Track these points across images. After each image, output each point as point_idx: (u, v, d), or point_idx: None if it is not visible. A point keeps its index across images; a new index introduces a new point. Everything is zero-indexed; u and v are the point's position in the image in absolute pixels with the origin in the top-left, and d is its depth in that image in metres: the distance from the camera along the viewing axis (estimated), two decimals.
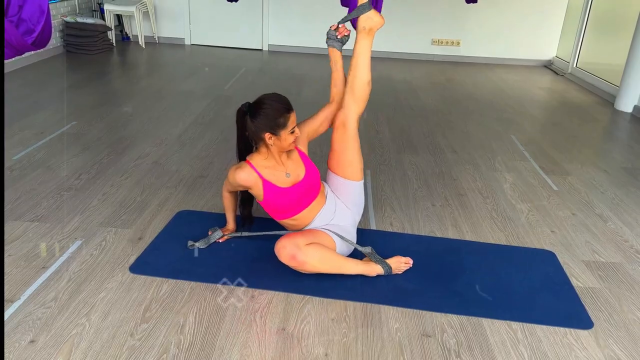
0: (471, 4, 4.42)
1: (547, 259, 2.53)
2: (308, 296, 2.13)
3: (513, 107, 5.25)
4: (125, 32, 7.55)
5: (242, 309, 2.05)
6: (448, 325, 2.02)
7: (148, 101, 4.78)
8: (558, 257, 2.54)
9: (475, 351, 1.89)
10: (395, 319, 2.04)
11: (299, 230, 2.35)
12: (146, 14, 7.31)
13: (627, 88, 5.08)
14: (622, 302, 2.22)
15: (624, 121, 4.98)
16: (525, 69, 7.16)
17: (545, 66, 7.30)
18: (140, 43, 7.18)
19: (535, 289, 2.28)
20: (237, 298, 2.11)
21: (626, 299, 2.24)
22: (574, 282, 2.35)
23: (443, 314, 2.08)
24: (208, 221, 2.70)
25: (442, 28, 7.20)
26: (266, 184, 2.25)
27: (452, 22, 7.16)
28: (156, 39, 7.52)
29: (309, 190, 2.31)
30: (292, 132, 2.19)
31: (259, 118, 2.16)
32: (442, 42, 7.29)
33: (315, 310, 2.06)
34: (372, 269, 2.24)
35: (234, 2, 5.05)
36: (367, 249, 2.27)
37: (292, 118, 2.18)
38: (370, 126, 4.38)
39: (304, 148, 2.41)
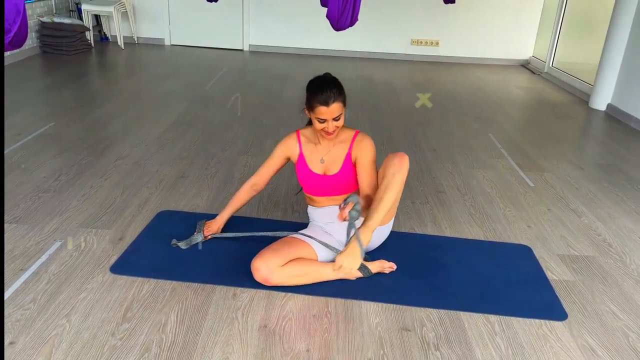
0: (449, 4, 4.48)
1: (524, 253, 2.59)
2: (290, 293, 2.15)
3: (491, 106, 5.33)
4: (104, 33, 7.48)
5: (223, 307, 2.06)
6: (427, 320, 2.06)
7: (127, 102, 4.75)
8: (534, 251, 2.60)
9: (454, 344, 1.93)
10: (376, 314, 2.07)
11: (316, 208, 2.36)
12: (125, 14, 7.26)
13: (601, 87, 5.20)
14: (595, 294, 2.28)
15: (598, 119, 5.09)
16: (502, 68, 7.27)
17: (523, 66, 7.42)
18: (119, 44, 7.12)
19: (512, 282, 2.33)
20: (218, 296, 2.12)
21: (599, 291, 2.30)
22: (549, 275, 2.40)
23: (422, 308, 2.12)
24: (189, 221, 2.70)
25: (421, 28, 7.28)
26: (301, 157, 2.34)
27: (431, 22, 7.25)
28: (135, 40, 7.47)
29: (332, 188, 2.31)
30: (321, 122, 2.17)
31: (307, 87, 2.20)
32: (421, 42, 7.37)
33: (296, 307, 2.08)
34: (352, 273, 2.25)
35: (213, 2, 5.04)
36: None
37: (322, 110, 2.12)
38: (351, 126, 4.40)
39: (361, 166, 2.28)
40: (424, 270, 2.37)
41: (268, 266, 2.12)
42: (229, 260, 2.36)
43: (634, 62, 4.88)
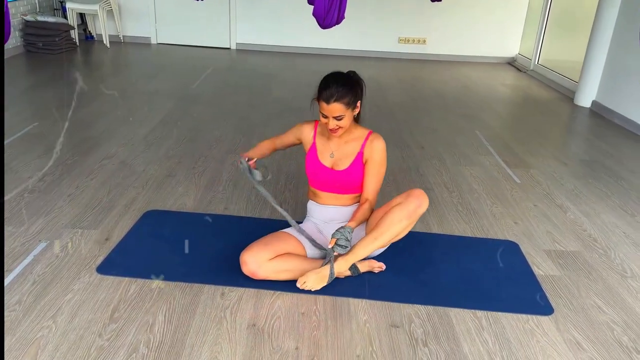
0: (436, 2, 4.49)
1: (511, 249, 2.61)
2: (278, 292, 2.15)
3: (477, 103, 5.37)
4: (89, 31, 7.40)
5: (212, 306, 2.05)
6: (415, 316, 2.07)
7: (113, 101, 4.71)
8: (521, 247, 2.62)
9: (442, 340, 1.95)
10: (364, 311, 2.08)
11: (317, 204, 2.36)
12: (110, 13, 7.19)
13: (586, 84, 5.26)
14: (581, 289, 2.31)
15: (583, 116, 5.15)
16: (489, 66, 7.32)
17: (509, 63, 7.48)
18: (104, 42, 7.05)
19: (499, 278, 2.35)
20: (206, 295, 2.11)
21: (584, 286, 2.33)
22: (535, 270, 2.43)
23: (410, 304, 2.13)
24: (175, 221, 2.69)
25: (408, 27, 7.30)
26: (313, 147, 2.33)
27: (418, 20, 7.27)
28: (121, 38, 7.40)
29: (338, 183, 2.29)
30: (324, 117, 2.17)
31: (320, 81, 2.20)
32: (408, 40, 7.39)
33: (285, 306, 2.08)
34: (342, 273, 2.25)
35: (200, 1, 5.02)
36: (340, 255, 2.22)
37: (323, 106, 2.14)
38: None
39: (371, 162, 2.29)
40: (412, 267, 2.38)
41: (256, 260, 2.11)
42: (216, 259, 2.35)
43: (618, 59, 4.94)
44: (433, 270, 2.37)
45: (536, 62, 6.79)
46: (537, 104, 5.54)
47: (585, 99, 5.30)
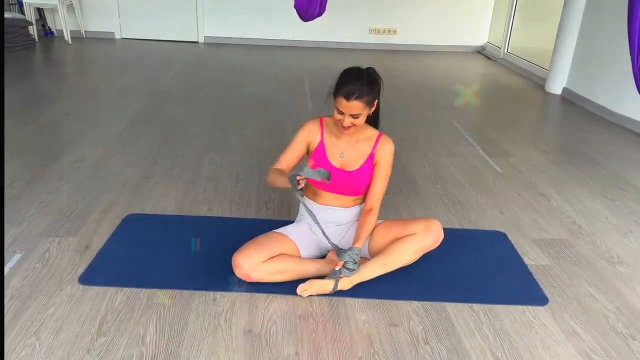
0: None
1: (499, 239, 2.61)
2: (272, 295, 2.09)
3: (452, 92, 5.38)
4: (48, 27, 7.10)
5: (204, 313, 1.98)
6: (413, 313, 2.04)
7: (81, 100, 4.53)
8: (509, 237, 2.62)
9: (442, 336, 1.92)
10: (362, 311, 2.03)
11: (317, 204, 2.25)
12: (70, 7, 6.91)
13: (556, 71, 5.34)
14: (572, 277, 2.32)
15: (554, 102, 5.23)
16: (459, 55, 7.37)
17: (478, 52, 7.54)
18: (66, 38, 6.78)
19: (491, 269, 2.35)
20: (198, 302, 2.03)
21: (575, 274, 2.35)
22: (526, 260, 2.43)
23: (407, 301, 2.10)
24: (157, 224, 2.59)
25: (378, 17, 7.27)
26: (321, 145, 2.21)
27: (388, 11, 7.25)
28: (83, 34, 7.13)
29: (345, 184, 2.21)
30: (339, 113, 2.07)
31: (339, 75, 2.11)
32: (379, 30, 7.36)
33: (280, 309, 2.02)
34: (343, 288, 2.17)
35: None
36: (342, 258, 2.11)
37: (342, 102, 2.03)
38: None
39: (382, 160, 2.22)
40: None
41: (250, 262, 2.04)
42: (204, 263, 2.27)
43: (587, 46, 5.02)
44: (425, 265, 2.33)
45: (505, 50, 6.86)
46: (510, 92, 5.60)
47: (556, 86, 5.38)
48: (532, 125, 4.69)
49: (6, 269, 2.17)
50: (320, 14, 2.72)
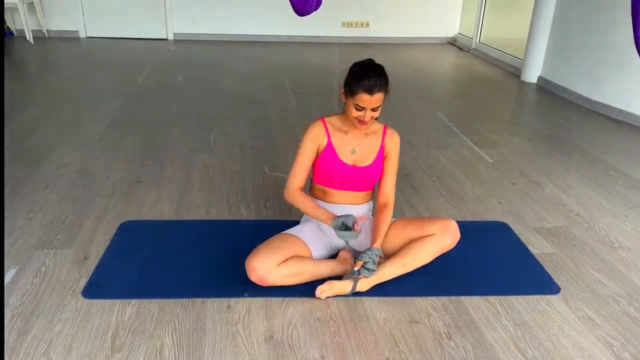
0: None
1: (503, 230, 2.63)
2: (288, 298, 2.03)
3: (430, 84, 5.41)
4: (8, 27, 6.77)
5: (220, 322, 1.91)
6: (432, 308, 2.03)
7: (53, 103, 4.33)
8: (511, 227, 2.64)
9: (464, 331, 1.91)
10: (380, 310, 2.01)
11: (327, 204, 2.20)
12: (31, 5, 6.60)
13: (531, 60, 5.43)
14: (579, 264, 2.36)
15: (531, 91, 5.32)
16: (431, 46, 7.41)
17: (450, 43, 7.61)
18: (27, 38, 6.48)
19: (500, 261, 2.36)
20: (212, 311, 1.96)
21: (581, 261, 2.38)
22: (531, 249, 2.45)
23: (423, 297, 2.08)
24: (156, 231, 2.50)
25: (351, 10, 7.23)
26: (329, 146, 2.14)
27: (361, 4, 7.22)
28: (45, 33, 6.84)
29: (358, 181, 2.17)
30: (358, 110, 2.02)
31: (350, 70, 2.07)
32: (352, 24, 7.33)
33: (298, 312, 1.97)
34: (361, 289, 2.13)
35: None
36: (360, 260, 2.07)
37: (364, 98, 1.98)
38: (300, 114, 4.29)
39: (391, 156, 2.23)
40: None
41: (266, 265, 1.98)
42: (212, 269, 2.20)
43: (560, 34, 5.12)
44: (436, 259, 2.31)
45: (477, 41, 6.94)
46: (486, 82, 5.67)
47: (531, 75, 5.47)
48: (513, 115, 4.75)
49: None
50: (317, 7, 2.66)
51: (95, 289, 2.05)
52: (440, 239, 2.10)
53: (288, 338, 1.84)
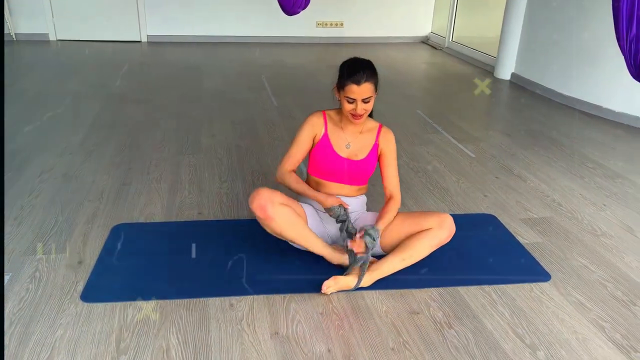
0: None
1: (491, 222, 2.70)
2: (288, 295, 2.05)
3: (407, 82, 5.49)
4: None
5: (224, 320, 1.91)
6: (430, 299, 2.08)
7: (29, 108, 4.23)
8: (499, 219, 2.72)
9: (464, 319, 1.97)
10: (381, 302, 2.04)
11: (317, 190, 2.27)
12: None
13: (504, 58, 5.57)
14: (566, 252, 2.45)
15: (505, 88, 5.46)
16: (404, 46, 7.52)
17: (423, 42, 7.73)
18: None
19: (492, 251, 2.43)
20: (215, 309, 1.97)
21: (567, 249, 2.47)
22: (520, 239, 2.53)
23: (421, 289, 2.13)
24: (149, 233, 2.48)
25: (325, 10, 7.27)
26: (325, 137, 2.22)
27: (335, 4, 7.27)
28: (13, 37, 6.66)
29: (353, 174, 2.24)
30: (349, 102, 2.09)
31: (339, 68, 2.16)
32: (326, 24, 7.38)
33: (301, 308, 1.99)
34: (337, 257, 2.19)
35: None
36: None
37: (353, 89, 2.06)
38: (283, 114, 4.31)
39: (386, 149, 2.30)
40: None
41: (270, 196, 2.06)
42: (210, 269, 2.20)
43: (532, 32, 5.27)
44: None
45: (450, 40, 7.07)
46: (461, 79, 5.79)
47: (505, 72, 5.61)
48: (490, 111, 4.87)
49: None
50: (305, 6, 2.69)
51: (94, 292, 2.03)
52: (437, 232, 2.15)
53: (293, 333, 1.86)
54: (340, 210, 2.13)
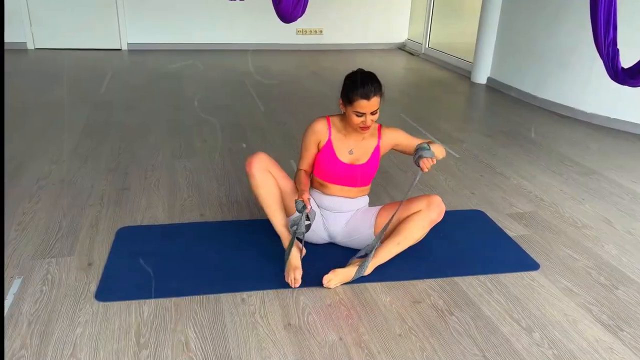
0: None
1: (480, 217, 2.85)
2: (297, 289, 2.15)
3: (388, 88, 5.58)
4: None
5: (238, 314, 2.00)
6: (430, 289, 2.20)
7: (14, 117, 4.22)
8: (487, 214, 2.88)
9: (463, 307, 2.10)
10: (385, 293, 2.16)
11: (323, 194, 2.38)
12: None
13: (480, 63, 5.80)
14: (551, 243, 2.61)
15: (481, 91, 5.67)
16: (383, 52, 7.71)
17: (400, 48, 7.94)
18: None
19: (483, 244, 2.57)
20: (228, 304, 2.05)
21: (552, 240, 2.64)
22: (508, 232, 2.69)
23: (421, 280, 2.26)
24: (155, 235, 2.55)
25: (305, 18, 7.28)
26: (329, 144, 2.30)
27: (314, 11, 7.37)
28: None
29: (355, 177, 2.34)
30: (358, 116, 2.17)
31: (344, 82, 2.22)
32: (305, 31, 7.51)
33: (310, 300, 2.09)
34: (286, 240, 2.29)
35: None
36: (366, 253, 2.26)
37: (362, 104, 2.14)
38: (271, 119, 4.40)
39: (385, 147, 2.41)
40: None
41: (263, 159, 2.27)
42: (219, 267, 2.28)
43: (507, 37, 5.50)
44: (425, 246, 2.49)
45: (427, 46, 7.29)
46: (439, 84, 5.99)
47: (481, 76, 5.84)
48: (469, 113, 5.06)
49: (10, 296, 2.05)
50: (302, 14, 2.80)
51: (108, 291, 2.09)
52: (426, 213, 2.27)
53: (305, 324, 1.96)
54: (299, 205, 2.15)
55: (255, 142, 3.85)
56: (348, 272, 2.19)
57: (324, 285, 2.15)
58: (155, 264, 2.28)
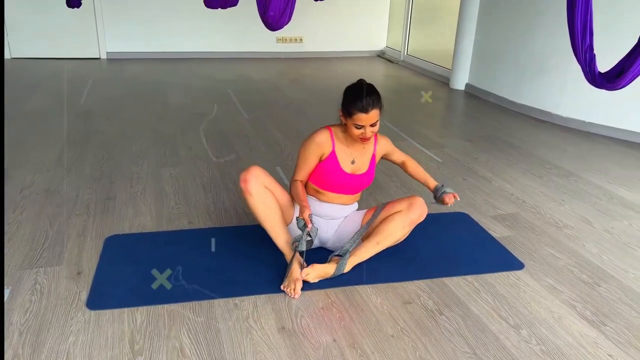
0: (318, 0, 4.72)
1: (464, 219, 2.92)
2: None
3: None
4: None
5: (231, 319, 2.01)
6: (420, 290, 2.24)
7: None
8: (471, 217, 2.94)
9: (453, 307, 2.14)
10: (375, 295, 2.19)
11: (320, 201, 2.40)
12: None
13: (458, 70, 5.91)
14: (534, 243, 2.68)
15: (460, 97, 5.79)
16: (362, 59, 7.80)
17: (379, 56, 8.04)
18: None
19: (469, 245, 2.63)
20: (221, 310, 2.06)
21: (535, 240, 2.71)
22: (492, 234, 2.75)
23: (410, 281, 2.30)
24: (144, 243, 2.54)
25: (285, 26, 7.44)
26: (333, 154, 2.31)
27: (294, 20, 7.40)
28: None
29: (354, 186, 2.37)
30: (358, 128, 2.19)
31: (344, 93, 2.25)
32: (286, 39, 7.56)
33: (302, 304, 2.11)
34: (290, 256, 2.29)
35: (75, 8, 4.69)
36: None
37: (361, 117, 2.16)
38: (255, 127, 4.42)
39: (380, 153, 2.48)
40: (394, 248, 2.51)
41: (258, 173, 2.23)
42: (210, 273, 2.28)
43: (484, 44, 5.63)
44: (412, 248, 2.55)
45: (405, 53, 7.41)
46: (418, 91, 6.08)
47: (459, 83, 5.95)
48: (449, 119, 5.16)
49: None
50: (288, 22, 2.83)
51: (99, 300, 2.08)
52: (407, 214, 2.31)
53: (299, 327, 1.98)
54: (300, 223, 2.18)
55: (240, 148, 3.86)
56: (326, 269, 2.22)
57: (303, 278, 2.18)
58: (145, 271, 2.27)
